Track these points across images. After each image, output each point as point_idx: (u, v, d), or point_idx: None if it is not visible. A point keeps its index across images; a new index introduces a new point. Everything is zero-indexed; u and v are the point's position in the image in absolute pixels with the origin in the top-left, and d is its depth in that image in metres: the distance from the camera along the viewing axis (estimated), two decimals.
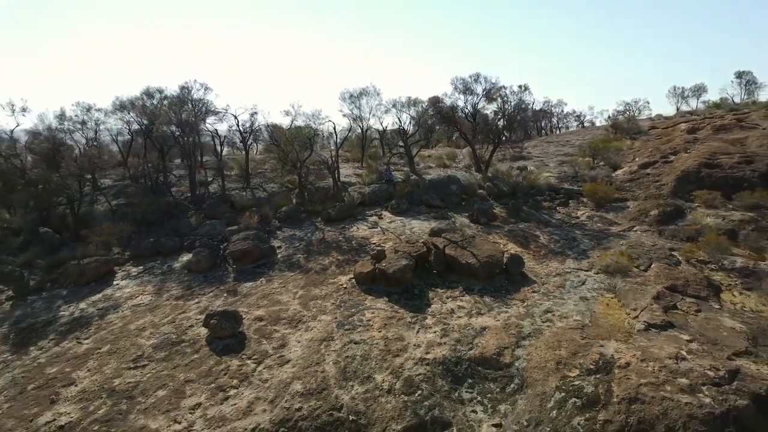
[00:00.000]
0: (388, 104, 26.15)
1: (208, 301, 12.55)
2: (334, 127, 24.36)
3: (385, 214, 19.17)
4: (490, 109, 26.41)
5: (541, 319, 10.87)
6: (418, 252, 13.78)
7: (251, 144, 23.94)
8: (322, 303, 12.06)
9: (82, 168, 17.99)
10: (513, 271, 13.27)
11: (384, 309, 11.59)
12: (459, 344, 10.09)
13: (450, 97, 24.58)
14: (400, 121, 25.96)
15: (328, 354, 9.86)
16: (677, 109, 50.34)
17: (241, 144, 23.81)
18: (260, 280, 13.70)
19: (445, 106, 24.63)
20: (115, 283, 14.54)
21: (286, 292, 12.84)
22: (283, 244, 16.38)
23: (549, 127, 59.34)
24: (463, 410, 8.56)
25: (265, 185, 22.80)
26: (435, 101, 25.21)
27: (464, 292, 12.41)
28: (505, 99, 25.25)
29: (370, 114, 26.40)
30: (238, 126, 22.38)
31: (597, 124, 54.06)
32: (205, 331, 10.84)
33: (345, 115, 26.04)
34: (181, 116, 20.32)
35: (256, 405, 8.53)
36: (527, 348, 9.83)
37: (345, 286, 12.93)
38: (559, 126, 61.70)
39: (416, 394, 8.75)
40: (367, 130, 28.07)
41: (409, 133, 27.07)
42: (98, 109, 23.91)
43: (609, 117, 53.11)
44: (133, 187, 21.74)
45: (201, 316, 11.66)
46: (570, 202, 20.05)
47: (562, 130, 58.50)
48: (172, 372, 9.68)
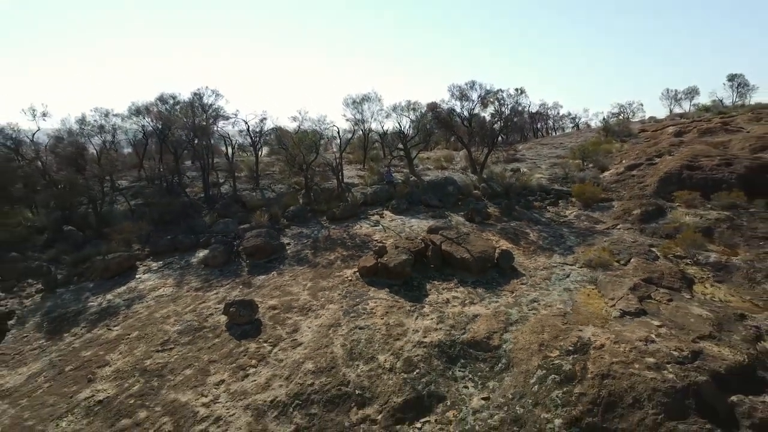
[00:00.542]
0: (389, 109, 27.05)
1: (225, 292, 13.48)
2: (338, 131, 25.22)
3: (386, 213, 20.06)
4: (487, 112, 27.25)
5: (528, 308, 11.78)
6: (417, 248, 14.67)
7: (260, 148, 24.81)
8: (330, 293, 12.98)
9: (104, 170, 18.90)
10: (504, 266, 14.17)
11: (386, 299, 12.51)
12: (453, 329, 11.00)
13: (447, 103, 25.55)
14: (400, 125, 26.85)
15: (335, 338, 10.78)
16: (670, 112, 50.90)
17: (251, 147, 24.72)
18: (272, 274, 14.62)
19: (442, 112, 25.55)
20: (138, 276, 15.46)
21: (296, 284, 13.77)
22: (292, 241, 17.29)
23: (545, 129, 60.14)
24: (456, 386, 9.48)
25: (274, 186, 23.71)
26: (433, 107, 26.10)
27: (459, 284, 13.33)
28: (501, 102, 26.07)
29: (372, 118, 27.32)
30: (248, 131, 23.32)
31: (593, 126, 54.84)
32: (225, 318, 11.77)
33: (348, 120, 26.95)
34: (194, 121, 21.20)
35: (274, 381, 9.46)
36: (514, 332, 10.74)
37: (350, 279, 13.85)
38: (555, 128, 62.51)
39: (414, 372, 9.67)
40: (368, 134, 28.95)
41: (409, 136, 27.95)
42: (115, 115, 24.87)
43: (604, 119, 53.94)
44: (150, 188, 22.66)
45: (220, 305, 12.59)
46: (559, 202, 20.94)
47: (557, 132, 59.30)
48: (197, 354, 10.61)
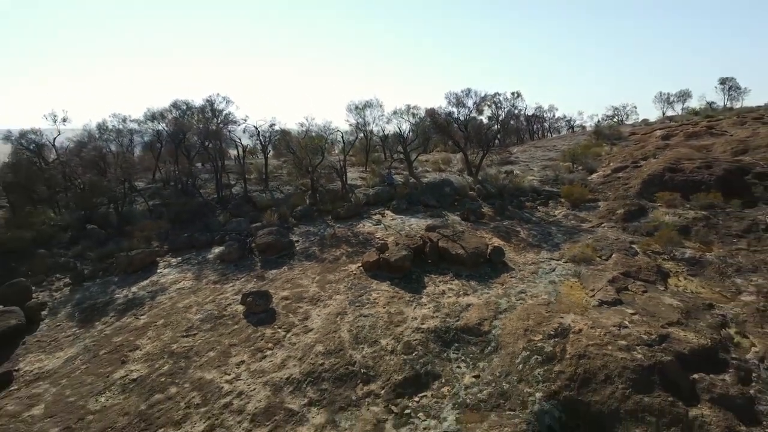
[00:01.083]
0: (390, 115, 28.03)
1: (241, 285, 14.47)
2: (342, 136, 26.17)
3: (387, 212, 21.03)
4: (484, 115, 28.11)
5: (516, 298, 12.76)
6: (416, 245, 15.64)
7: (269, 151, 25.80)
8: (336, 286, 13.97)
9: (125, 173, 19.90)
10: (495, 261, 15.14)
11: (387, 290, 13.49)
12: (448, 317, 11.97)
13: (444, 110, 26.51)
14: (401, 130, 27.81)
15: (342, 324, 11.77)
16: (663, 114, 51.43)
17: (260, 150, 25.69)
18: (283, 268, 15.60)
19: (440, 118, 26.52)
20: (159, 271, 16.43)
21: (306, 277, 14.75)
22: (300, 239, 18.27)
23: (541, 132, 60.95)
24: (450, 366, 10.46)
25: (282, 187, 24.70)
26: (431, 113, 27.09)
27: (454, 278, 14.30)
28: (498, 105, 26.96)
29: (373, 123, 28.31)
30: (258, 136, 24.32)
31: (588, 128, 55.47)
32: (242, 307, 12.76)
33: (351, 125, 27.91)
34: (208, 126, 22.18)
35: (288, 362, 10.45)
36: (502, 320, 11.72)
37: (354, 273, 14.83)
38: (551, 130, 63.31)
39: (413, 354, 10.65)
40: (370, 138, 29.92)
41: (409, 140, 28.91)
42: (132, 120, 25.89)
43: (598, 121, 54.63)
44: (166, 189, 23.65)
45: (236, 296, 13.58)
46: (549, 202, 21.90)
47: (553, 135, 60.08)
48: (219, 338, 11.60)
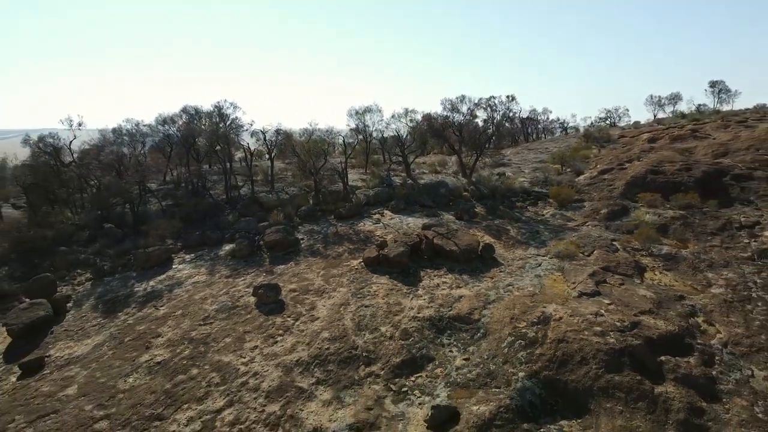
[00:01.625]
0: (389, 120, 28.97)
1: (251, 279, 15.37)
2: (344, 140, 27.08)
3: (386, 212, 21.93)
4: (480, 118, 28.93)
5: (504, 290, 13.69)
6: (413, 242, 16.55)
7: (275, 155, 26.68)
8: (339, 279, 14.88)
9: (140, 175, 20.79)
10: (486, 256, 16.07)
11: (386, 283, 14.41)
12: (442, 307, 12.90)
13: (441, 114, 27.46)
14: (399, 135, 28.71)
15: (346, 314, 12.69)
16: (654, 116, 52.01)
17: (266, 153, 26.59)
18: (290, 264, 16.52)
19: (436, 123, 27.47)
20: (174, 266, 17.32)
21: (311, 272, 15.67)
22: (305, 237, 19.18)
23: (536, 134, 61.74)
24: (443, 350, 11.39)
25: (287, 189, 25.59)
26: (428, 118, 28.03)
27: (447, 272, 15.23)
28: (493, 108, 27.82)
29: (373, 128, 29.23)
30: (265, 140, 25.23)
31: (581, 130, 56.09)
32: (254, 299, 13.67)
33: (352, 129, 28.81)
34: (218, 131, 23.06)
35: (297, 346, 11.37)
36: (491, 309, 12.65)
37: (356, 268, 15.74)
38: (545, 132, 64.12)
39: (410, 340, 11.58)
40: (370, 141, 30.81)
41: (407, 143, 29.82)
42: (145, 125, 26.76)
43: (592, 123, 55.28)
44: (178, 190, 24.54)
45: (248, 289, 14.48)
46: (538, 202, 22.83)
47: (547, 136, 60.89)
48: (233, 326, 12.51)
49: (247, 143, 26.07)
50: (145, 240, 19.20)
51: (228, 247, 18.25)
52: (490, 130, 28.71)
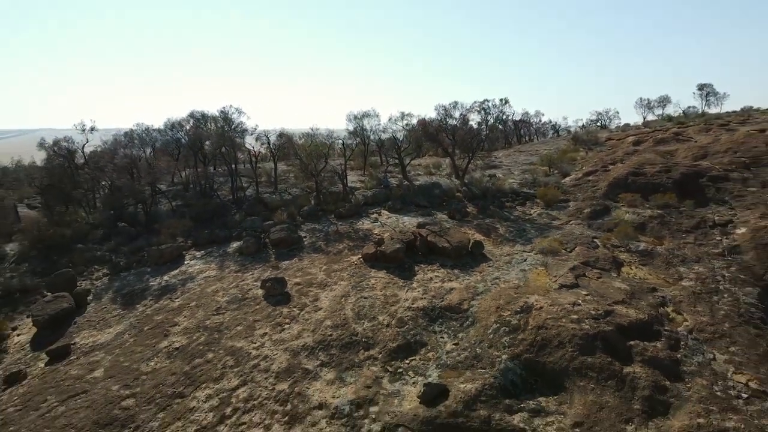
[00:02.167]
0: (386, 124, 29.89)
1: (259, 273, 16.28)
2: (343, 143, 28.01)
3: (384, 212, 22.85)
4: (473, 120, 29.82)
5: (491, 283, 14.63)
6: (408, 239, 17.48)
7: (278, 158, 27.61)
8: (340, 273, 15.81)
9: (152, 177, 21.67)
10: (476, 253, 17.02)
11: (383, 277, 15.34)
12: (434, 299, 13.84)
13: (434, 120, 28.43)
14: (395, 138, 29.66)
15: (346, 304, 13.62)
16: (643, 119, 52.73)
17: (270, 157, 27.51)
18: (294, 260, 17.43)
19: (431, 127, 28.43)
20: (186, 262, 18.20)
21: (314, 267, 16.58)
22: (308, 235, 20.09)
23: (528, 136, 62.70)
24: (435, 337, 12.32)
25: (289, 190, 26.51)
26: (423, 123, 29.00)
27: (440, 267, 16.17)
28: (487, 111, 28.72)
29: (371, 131, 30.15)
30: (269, 144, 26.14)
31: (573, 132, 56.86)
32: (262, 291, 14.58)
33: (351, 133, 29.73)
34: (224, 135, 23.95)
35: (303, 333, 12.29)
36: (479, 300, 13.59)
37: (356, 263, 16.67)
38: (537, 134, 65.12)
39: (405, 327, 12.51)
40: (368, 144, 31.73)
41: (403, 146, 30.75)
42: (155, 129, 27.63)
43: (582, 125, 56.04)
44: (187, 191, 25.43)
45: (256, 282, 15.39)
46: (527, 202, 23.79)
47: (539, 138, 61.86)
48: (244, 316, 13.42)
49: (252, 146, 26.98)
50: (157, 238, 20.07)
51: (236, 245, 19.14)
52: (484, 133, 29.62)
